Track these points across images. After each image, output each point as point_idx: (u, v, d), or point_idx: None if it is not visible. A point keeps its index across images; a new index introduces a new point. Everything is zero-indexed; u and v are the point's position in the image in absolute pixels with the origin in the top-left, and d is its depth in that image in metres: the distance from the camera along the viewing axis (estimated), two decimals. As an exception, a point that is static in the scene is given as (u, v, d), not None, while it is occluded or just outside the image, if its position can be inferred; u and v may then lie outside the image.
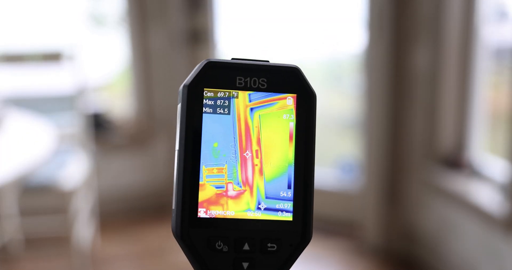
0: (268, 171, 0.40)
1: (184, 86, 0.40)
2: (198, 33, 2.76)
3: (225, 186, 0.39)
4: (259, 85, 0.40)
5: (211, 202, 0.39)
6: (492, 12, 1.99)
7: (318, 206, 2.55)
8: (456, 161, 2.07)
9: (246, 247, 0.39)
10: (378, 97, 2.27)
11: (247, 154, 0.40)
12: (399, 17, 2.17)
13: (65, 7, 2.80)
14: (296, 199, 0.40)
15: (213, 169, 0.39)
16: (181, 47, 2.79)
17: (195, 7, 2.74)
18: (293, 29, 2.89)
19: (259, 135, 0.40)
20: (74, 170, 2.18)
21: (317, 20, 2.84)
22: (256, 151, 0.40)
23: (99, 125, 2.75)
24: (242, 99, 0.40)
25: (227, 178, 0.39)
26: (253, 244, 0.39)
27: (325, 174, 2.69)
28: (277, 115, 0.40)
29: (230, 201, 0.39)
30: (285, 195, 0.40)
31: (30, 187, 2.07)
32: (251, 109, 0.40)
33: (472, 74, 2.04)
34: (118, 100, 3.11)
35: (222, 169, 0.39)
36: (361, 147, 2.43)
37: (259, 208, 0.40)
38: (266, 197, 0.40)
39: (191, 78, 0.40)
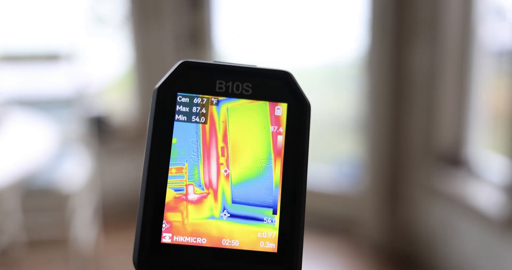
0: (237, 174, 0.34)
1: (154, 89, 0.34)
2: (200, 34, 2.75)
3: (185, 189, 0.34)
4: (243, 90, 0.34)
5: (169, 208, 0.34)
6: (491, 13, 1.99)
7: (319, 206, 2.55)
8: (456, 162, 2.07)
9: None
10: (378, 98, 2.27)
11: (211, 152, 0.34)
12: (399, 19, 2.17)
13: (67, 7, 2.79)
14: (282, 225, 0.33)
15: (171, 169, 0.34)
16: (184, 49, 2.78)
17: (196, 8, 2.73)
18: (294, 30, 2.88)
19: (226, 131, 0.34)
20: (76, 172, 2.17)
21: (318, 21, 2.83)
22: (222, 148, 0.34)
23: (101, 127, 2.74)
24: None
25: (187, 180, 0.34)
26: None
27: (325, 174, 2.68)
28: (249, 107, 0.34)
29: (190, 207, 0.34)
30: (269, 216, 0.34)
31: (31, 189, 2.06)
32: (218, 101, 0.34)
33: (471, 75, 2.04)
34: (120, 102, 3.10)
35: (182, 168, 0.34)
36: (361, 147, 2.42)
37: (224, 216, 0.34)
38: (233, 202, 0.34)
39: (163, 80, 0.34)
